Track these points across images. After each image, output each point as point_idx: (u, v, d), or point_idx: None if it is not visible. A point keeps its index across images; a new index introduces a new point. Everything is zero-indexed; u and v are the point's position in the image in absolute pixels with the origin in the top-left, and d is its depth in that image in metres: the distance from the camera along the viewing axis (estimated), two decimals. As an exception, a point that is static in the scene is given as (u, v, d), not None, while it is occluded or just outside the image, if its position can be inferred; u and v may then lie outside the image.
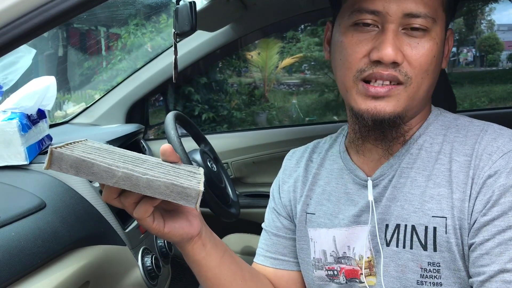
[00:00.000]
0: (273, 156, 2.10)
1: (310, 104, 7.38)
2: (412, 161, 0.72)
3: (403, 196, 0.71)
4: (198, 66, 2.08)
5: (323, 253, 0.81)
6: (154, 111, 3.21)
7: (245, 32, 1.85)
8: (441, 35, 0.70)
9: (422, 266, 0.69)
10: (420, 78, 0.68)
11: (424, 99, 0.73)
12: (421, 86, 0.69)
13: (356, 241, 0.77)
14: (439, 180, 0.69)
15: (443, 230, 0.66)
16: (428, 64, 0.68)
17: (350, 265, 0.77)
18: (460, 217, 0.65)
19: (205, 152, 1.56)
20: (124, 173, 0.57)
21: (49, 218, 0.96)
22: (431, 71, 0.69)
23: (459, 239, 0.65)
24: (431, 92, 0.74)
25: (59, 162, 0.56)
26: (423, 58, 0.68)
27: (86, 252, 1.02)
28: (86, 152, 0.60)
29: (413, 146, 0.73)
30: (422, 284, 0.69)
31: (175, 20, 1.10)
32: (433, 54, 0.68)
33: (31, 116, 1.16)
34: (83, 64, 5.18)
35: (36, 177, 1.09)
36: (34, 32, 0.57)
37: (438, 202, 0.68)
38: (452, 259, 0.66)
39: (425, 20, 0.67)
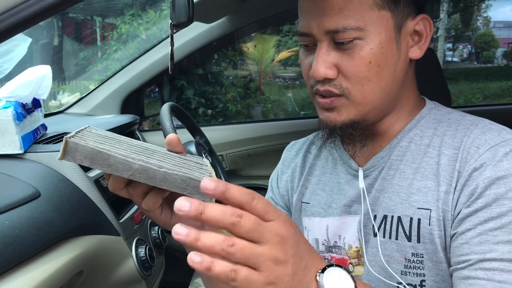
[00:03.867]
0: (268, 149, 2.10)
1: (305, 98, 7.39)
2: (401, 154, 0.73)
3: (391, 187, 0.73)
4: (194, 58, 2.08)
5: (316, 241, 0.83)
6: (149, 102, 3.20)
7: (241, 25, 1.84)
8: (385, 35, 0.68)
9: (406, 256, 0.70)
10: (360, 86, 0.69)
11: (386, 99, 0.72)
12: (365, 92, 0.70)
13: (346, 231, 0.79)
14: (426, 173, 0.70)
15: (427, 222, 0.67)
16: (365, 71, 0.68)
17: (340, 254, 0.79)
18: (444, 209, 0.66)
19: (200, 144, 1.56)
20: (141, 166, 0.56)
21: (43, 207, 0.96)
22: (373, 75, 0.69)
23: (442, 231, 0.66)
24: (391, 89, 0.72)
25: (74, 152, 0.54)
26: (355, 68, 0.68)
27: (80, 242, 1.02)
28: (98, 142, 0.58)
29: (403, 139, 0.74)
30: (405, 275, 0.70)
31: (172, 11, 1.09)
32: (368, 60, 0.68)
33: (26, 105, 1.16)
34: (79, 54, 5.16)
35: (31, 166, 1.09)
36: (31, 21, 0.56)
37: (424, 195, 0.69)
38: (434, 250, 0.67)
39: (347, 33, 0.67)
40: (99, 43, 5.54)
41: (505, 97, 6.49)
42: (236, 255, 0.45)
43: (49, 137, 1.25)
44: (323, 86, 0.71)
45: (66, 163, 1.12)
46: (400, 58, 0.70)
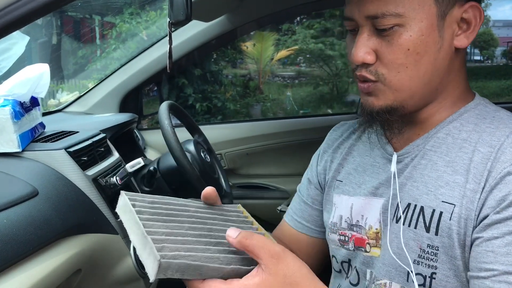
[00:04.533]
0: (266, 147, 2.10)
1: (304, 97, 7.39)
2: (437, 145, 0.73)
3: (421, 177, 0.72)
4: (193, 57, 2.07)
5: (340, 218, 0.86)
6: (148, 101, 3.20)
7: (240, 23, 1.84)
8: (426, 22, 0.67)
9: (421, 247, 0.70)
10: (396, 72, 0.70)
11: (425, 87, 0.71)
12: (402, 79, 0.70)
13: (369, 212, 0.80)
14: (457, 168, 0.68)
15: (448, 216, 0.67)
16: (402, 58, 0.69)
17: (360, 234, 0.82)
18: (469, 207, 0.65)
19: (199, 143, 1.56)
20: (232, 269, 0.58)
21: (41, 205, 0.96)
22: (411, 62, 0.69)
23: (462, 228, 0.65)
24: (432, 77, 0.71)
25: (165, 270, 0.54)
26: (393, 55, 0.69)
27: (78, 240, 1.02)
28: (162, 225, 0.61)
29: (442, 130, 0.73)
30: (418, 264, 0.70)
31: (170, 9, 1.09)
32: (407, 47, 0.68)
33: (24, 103, 1.15)
34: (77, 52, 5.15)
35: (29, 164, 1.09)
36: (28, 18, 0.56)
37: (451, 189, 0.68)
38: (451, 246, 0.67)
39: (387, 19, 0.67)
40: (98, 42, 5.53)
41: (504, 96, 6.50)
42: None
43: (47, 135, 1.25)
44: (360, 71, 0.73)
45: (63, 161, 1.12)
46: (443, 46, 0.69)
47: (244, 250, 0.59)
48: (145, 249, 0.56)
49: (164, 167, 1.44)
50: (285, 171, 2.15)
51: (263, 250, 0.57)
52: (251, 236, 0.58)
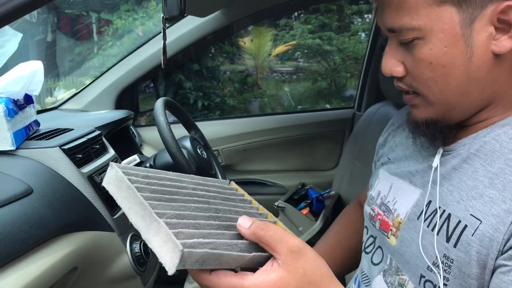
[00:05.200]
0: (264, 143, 2.10)
1: (303, 92, 7.38)
2: (483, 150, 0.65)
3: (458, 182, 0.66)
4: (189, 52, 2.07)
5: (378, 193, 0.84)
6: (145, 97, 3.19)
7: (236, 18, 1.83)
8: (448, 33, 0.62)
9: (437, 254, 0.65)
10: (428, 86, 0.66)
11: (465, 98, 0.65)
12: (436, 93, 0.66)
13: (401, 198, 0.77)
14: (497, 182, 0.61)
15: (471, 232, 0.61)
16: (427, 73, 0.64)
17: (387, 218, 0.79)
18: (498, 228, 0.58)
19: (195, 139, 1.55)
20: (254, 256, 0.54)
21: (36, 203, 0.95)
22: (439, 76, 0.64)
23: (484, 248, 0.59)
24: (469, 88, 0.65)
25: (185, 260, 0.48)
26: (418, 69, 0.65)
27: (73, 238, 1.01)
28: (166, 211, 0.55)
29: (490, 134, 0.66)
30: (431, 271, 0.66)
31: (164, 4, 1.08)
32: (429, 61, 0.64)
33: (18, 101, 1.14)
34: (74, 49, 5.13)
35: (23, 162, 1.08)
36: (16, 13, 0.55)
37: (483, 203, 0.61)
38: (466, 262, 0.61)
39: (405, 33, 0.64)
40: (96, 39, 5.52)
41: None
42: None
43: (42, 133, 1.24)
44: (396, 82, 0.70)
45: (58, 159, 1.11)
46: (474, 55, 0.62)
47: (258, 241, 0.55)
48: (157, 235, 0.50)
49: (160, 163, 1.43)
50: (282, 166, 2.15)
51: (281, 244, 0.53)
52: (267, 227, 0.54)
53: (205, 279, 0.52)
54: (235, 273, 0.53)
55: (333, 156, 2.16)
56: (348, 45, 7.03)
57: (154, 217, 0.51)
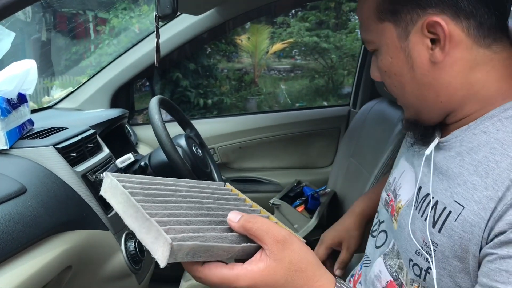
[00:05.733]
0: (259, 141, 2.10)
1: (300, 90, 7.38)
2: (471, 141, 0.67)
3: (446, 170, 0.69)
4: (185, 51, 2.06)
5: (393, 179, 0.87)
6: (141, 96, 3.19)
7: (231, 16, 1.83)
8: (391, 46, 0.71)
9: (424, 239, 0.68)
10: (392, 91, 0.76)
11: (424, 102, 0.71)
12: (400, 97, 0.75)
13: (406, 184, 0.81)
14: (480, 169, 0.63)
15: (455, 217, 0.63)
16: (386, 80, 0.75)
17: (393, 201, 0.83)
18: (479, 214, 0.60)
19: (190, 137, 1.55)
20: (243, 247, 0.56)
21: (29, 203, 0.95)
22: (394, 83, 0.73)
23: (467, 233, 0.61)
24: (423, 93, 0.70)
25: (176, 254, 0.51)
26: (382, 77, 0.76)
27: (68, 237, 1.02)
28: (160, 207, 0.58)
29: (479, 126, 0.67)
30: (418, 255, 0.69)
31: (157, 2, 1.08)
32: (384, 69, 0.73)
33: (11, 100, 1.14)
34: (71, 48, 5.12)
35: (17, 161, 1.08)
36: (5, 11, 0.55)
37: (466, 190, 0.63)
38: (450, 246, 0.63)
39: (368, 45, 0.75)
40: (92, 37, 5.51)
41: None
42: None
43: (36, 132, 1.24)
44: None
45: (52, 158, 1.11)
46: (415, 64, 0.69)
47: (247, 234, 0.57)
48: (149, 232, 0.53)
49: (155, 162, 1.43)
50: (278, 164, 2.15)
51: (267, 235, 0.56)
52: (254, 220, 0.57)
53: (197, 270, 0.55)
54: (226, 264, 0.55)
55: (328, 153, 2.16)
56: (345, 43, 7.03)
57: (146, 217, 0.54)
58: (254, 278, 0.55)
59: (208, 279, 0.55)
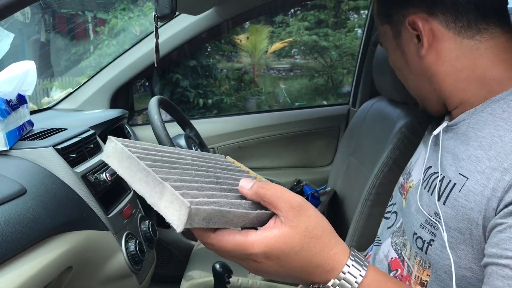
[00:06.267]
0: (259, 140, 2.10)
1: (300, 89, 7.38)
2: (478, 122, 0.70)
3: (452, 148, 0.72)
4: (184, 51, 2.06)
5: (410, 163, 0.91)
6: (140, 96, 3.19)
7: (229, 16, 1.83)
8: (390, 44, 0.81)
9: (429, 213, 0.71)
10: (403, 82, 0.84)
11: (423, 90, 0.79)
12: (408, 88, 0.84)
13: (418, 165, 0.84)
14: (484, 143, 0.66)
15: (459, 188, 0.66)
16: (397, 72, 0.84)
17: (407, 182, 0.86)
18: (483, 183, 0.62)
19: (190, 137, 1.56)
20: (258, 214, 0.55)
21: (29, 204, 0.95)
22: (401, 75, 0.83)
23: (470, 202, 0.63)
24: (422, 83, 0.78)
25: (193, 218, 0.49)
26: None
27: (68, 238, 1.02)
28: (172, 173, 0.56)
29: (487, 108, 0.70)
30: (423, 228, 0.72)
31: (156, 2, 1.08)
32: (392, 64, 0.84)
33: (11, 101, 1.14)
34: (70, 49, 5.13)
35: (16, 162, 1.08)
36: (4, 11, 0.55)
37: (470, 163, 0.66)
38: (453, 217, 0.65)
39: (383, 47, 0.85)
40: (91, 38, 5.51)
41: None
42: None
43: (35, 133, 1.24)
44: None
45: (51, 159, 1.11)
46: (408, 59, 0.77)
47: (260, 200, 0.56)
48: (162, 197, 0.51)
49: (155, 162, 1.43)
50: (277, 163, 2.16)
51: (282, 200, 0.55)
52: (268, 186, 0.56)
53: (209, 237, 0.54)
54: (239, 231, 0.54)
55: (328, 152, 2.16)
56: (344, 41, 7.03)
57: (159, 180, 0.52)
58: (269, 245, 0.53)
59: (221, 245, 0.53)
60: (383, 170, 1.36)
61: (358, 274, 0.56)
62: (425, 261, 0.71)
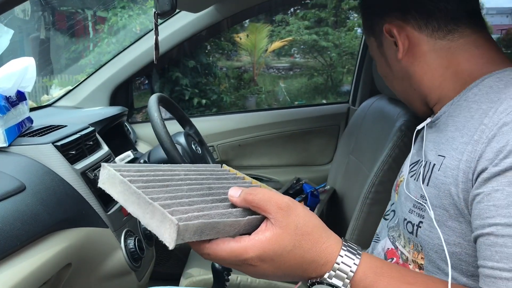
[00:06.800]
0: (259, 139, 2.10)
1: (299, 88, 7.38)
2: (455, 110, 0.74)
3: (434, 138, 0.77)
4: (183, 48, 2.06)
5: (404, 164, 0.93)
6: (140, 94, 3.18)
7: (229, 13, 1.83)
8: (375, 53, 0.88)
9: (416, 197, 0.74)
10: (391, 88, 0.90)
11: (405, 93, 0.86)
12: (396, 92, 0.89)
13: (407, 161, 0.87)
14: (459, 124, 0.70)
15: (438, 167, 0.70)
16: (384, 79, 0.90)
17: (400, 178, 0.89)
18: (457, 157, 0.65)
19: (190, 135, 1.55)
20: (248, 220, 0.56)
21: (28, 200, 0.95)
22: (388, 82, 0.89)
23: (448, 178, 0.66)
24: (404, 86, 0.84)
25: (183, 234, 0.51)
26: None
27: (67, 234, 1.01)
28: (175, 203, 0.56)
29: (462, 96, 0.74)
30: (411, 213, 0.75)
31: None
32: (379, 71, 0.90)
33: (10, 98, 1.14)
34: (70, 47, 5.12)
35: (16, 159, 1.08)
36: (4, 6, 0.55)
37: (446, 143, 0.70)
38: (436, 195, 0.68)
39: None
40: (91, 36, 5.50)
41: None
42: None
43: (35, 130, 1.24)
44: None
45: (51, 155, 1.11)
46: (391, 65, 0.84)
47: (249, 206, 0.58)
48: (153, 217, 0.53)
49: (155, 160, 1.43)
50: (277, 162, 2.15)
51: (270, 204, 0.56)
52: (255, 191, 0.58)
53: (204, 248, 0.55)
54: (232, 238, 0.55)
55: (328, 150, 2.16)
56: (344, 40, 7.03)
57: (148, 201, 0.53)
58: (263, 248, 0.55)
59: (216, 254, 0.55)
60: (382, 168, 1.35)
61: (352, 263, 0.57)
62: (417, 244, 0.74)
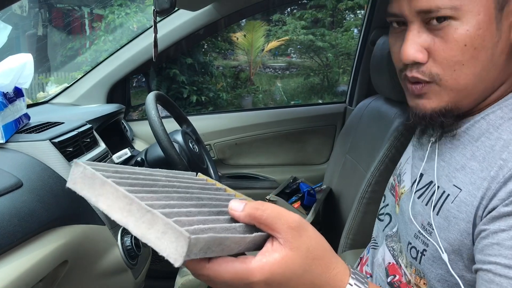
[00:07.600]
0: (256, 137, 2.10)
1: (295, 88, 7.39)
2: (471, 127, 0.69)
3: (449, 158, 0.70)
4: (181, 46, 2.06)
5: (400, 163, 0.89)
6: (137, 92, 3.18)
7: (228, 12, 1.83)
8: (483, 15, 0.63)
9: (423, 223, 0.70)
10: (452, 71, 0.65)
11: (480, 85, 0.66)
12: (458, 77, 0.65)
13: (407, 171, 0.82)
14: (477, 154, 0.65)
15: (452, 199, 0.65)
16: (459, 55, 0.64)
17: (398, 187, 0.84)
18: (474, 193, 0.62)
19: (187, 133, 1.55)
20: (254, 237, 0.50)
21: (25, 197, 0.95)
22: (467, 59, 0.64)
23: (460, 212, 0.63)
24: (488, 74, 0.66)
25: (191, 249, 0.42)
26: (448, 52, 0.64)
27: (64, 231, 1.01)
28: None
29: (480, 113, 0.68)
30: (416, 238, 0.72)
31: (155, -3, 1.08)
32: (464, 42, 0.63)
33: (7, 94, 1.14)
34: (67, 45, 5.11)
35: (13, 156, 1.07)
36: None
37: (464, 174, 0.65)
38: (445, 227, 0.66)
39: (441, 13, 0.63)
40: (88, 33, 5.49)
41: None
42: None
43: (32, 126, 1.24)
44: (411, 72, 0.68)
45: (48, 152, 1.11)
46: (501, 39, 0.64)
47: (255, 223, 0.51)
48: (152, 227, 0.45)
49: (152, 157, 1.43)
50: (274, 161, 2.16)
51: (280, 222, 0.50)
52: (263, 206, 0.51)
53: (204, 268, 0.48)
54: (236, 258, 0.49)
55: (324, 150, 2.17)
56: (340, 41, 7.04)
57: (146, 208, 0.45)
58: (271, 271, 0.49)
59: (218, 275, 0.48)
60: (379, 168, 1.36)
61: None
62: (420, 270, 0.72)
